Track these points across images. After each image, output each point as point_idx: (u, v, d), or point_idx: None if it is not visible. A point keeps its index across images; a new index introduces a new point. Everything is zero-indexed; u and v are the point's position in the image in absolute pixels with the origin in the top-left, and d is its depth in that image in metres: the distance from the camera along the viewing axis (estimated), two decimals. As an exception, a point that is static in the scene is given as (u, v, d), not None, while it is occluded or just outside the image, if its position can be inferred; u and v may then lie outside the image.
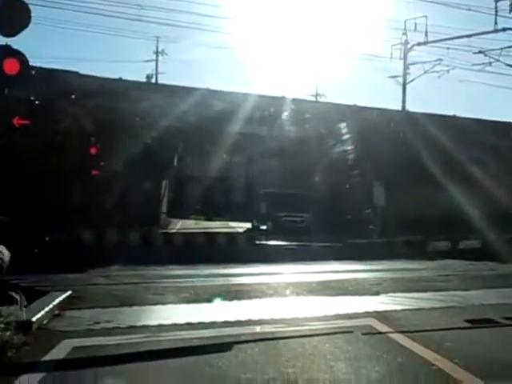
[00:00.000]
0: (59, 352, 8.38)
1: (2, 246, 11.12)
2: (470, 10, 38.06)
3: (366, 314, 11.36)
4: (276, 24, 74.93)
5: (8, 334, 8.27)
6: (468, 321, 10.79)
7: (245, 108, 34.32)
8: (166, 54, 58.19)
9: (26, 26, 10.33)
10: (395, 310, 11.88)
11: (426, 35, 38.14)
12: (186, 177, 50.78)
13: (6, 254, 11.21)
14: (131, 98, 32.02)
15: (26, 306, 10.82)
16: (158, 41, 56.42)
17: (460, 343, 9.18)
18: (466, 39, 37.60)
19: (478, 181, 33.26)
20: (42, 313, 10.27)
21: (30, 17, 10.37)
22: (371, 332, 9.82)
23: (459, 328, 10.34)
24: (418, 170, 32.06)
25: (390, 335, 9.60)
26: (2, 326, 8.31)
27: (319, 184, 37.83)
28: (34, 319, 9.65)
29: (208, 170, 48.65)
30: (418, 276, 18.62)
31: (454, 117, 41.17)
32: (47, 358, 8.10)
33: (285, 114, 37.92)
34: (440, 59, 39.16)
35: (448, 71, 39.89)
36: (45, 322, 10.18)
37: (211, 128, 33.55)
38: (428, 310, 12.20)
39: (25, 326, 9.15)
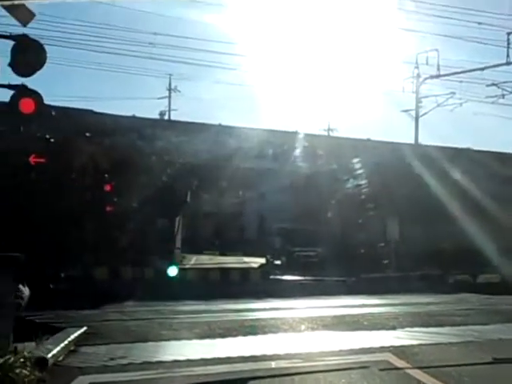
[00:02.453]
0: (75, 388, 8.38)
1: (24, 287, 11.18)
2: (481, 43, 38.36)
3: (383, 349, 11.26)
4: (287, 59, 75.27)
5: (24, 370, 8.26)
6: (487, 356, 10.68)
7: (257, 144, 34.47)
8: (179, 91, 58.62)
9: (42, 66, 10.47)
10: (412, 345, 11.78)
11: (438, 69, 38.45)
12: (200, 212, 50.83)
13: (26, 293, 11.26)
14: (145, 135, 32.27)
15: (41, 343, 10.83)
16: (170, 78, 56.91)
17: (478, 379, 9.09)
18: (478, 72, 37.80)
19: (494, 214, 33.08)
20: (58, 349, 10.26)
21: (45, 57, 10.52)
22: (388, 367, 9.73)
23: (477, 363, 10.24)
24: (432, 203, 31.97)
25: (408, 371, 9.50)
26: (18, 362, 8.31)
27: (332, 219, 37.77)
28: (49, 355, 9.65)
29: (221, 205, 48.82)
30: (435, 310, 18.48)
31: (468, 149, 41.13)
32: (63, 394, 8.10)
33: (297, 150, 38.02)
34: (453, 92, 39.36)
35: (461, 104, 40.07)
36: (60, 358, 10.18)
37: (224, 164, 33.67)
38: (446, 344, 12.09)
39: (41, 363, 9.14)
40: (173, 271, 11.11)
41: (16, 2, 9.47)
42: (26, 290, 11.28)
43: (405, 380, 8.96)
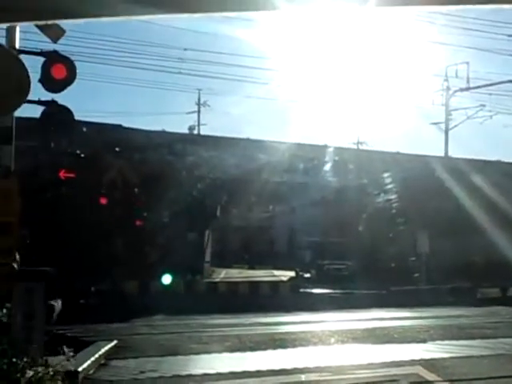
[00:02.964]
0: (105, 401, 8.43)
1: (55, 301, 11.31)
2: (511, 55, 38.09)
3: (413, 362, 11.18)
4: (318, 74, 75.37)
5: (55, 383, 8.32)
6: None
7: (287, 157, 34.50)
8: (209, 106, 58.88)
9: (72, 82, 10.60)
10: (443, 358, 11.69)
11: (468, 81, 38.21)
12: (230, 226, 50.86)
13: (57, 307, 11.38)
14: (175, 150, 32.48)
15: (72, 356, 10.91)
16: (199, 93, 57.20)
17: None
18: (508, 84, 37.52)
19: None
20: (89, 362, 10.34)
21: (75, 74, 10.64)
22: (418, 381, 9.67)
23: (509, 376, 10.12)
24: (462, 216, 31.72)
25: (438, 384, 9.43)
26: (48, 375, 8.37)
27: (362, 232, 37.59)
28: (80, 369, 9.72)
29: (251, 219, 48.81)
30: (466, 323, 18.30)
31: (498, 162, 40.76)
32: (93, 407, 8.15)
33: (327, 163, 37.97)
34: (482, 105, 39.09)
35: (491, 117, 39.80)
36: (91, 371, 10.25)
37: (253, 178, 33.71)
38: (476, 357, 11.98)
39: (71, 376, 9.21)
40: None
41: (49, 22, 9.62)
42: (57, 304, 11.41)
43: (435, 393, 8.88)
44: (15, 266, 9.05)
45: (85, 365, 10.08)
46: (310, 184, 36.61)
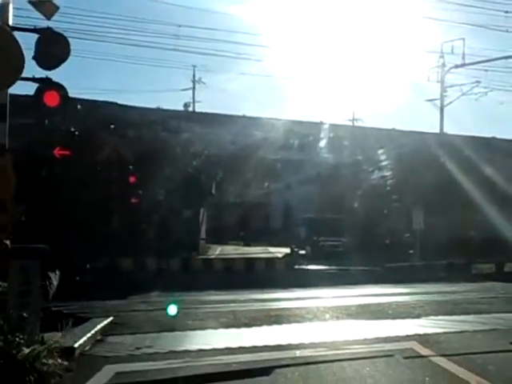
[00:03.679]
0: (101, 378, 8.47)
1: (54, 274, 11.32)
2: (508, 31, 37.89)
3: (407, 338, 11.25)
4: (312, 50, 75.14)
5: (51, 359, 8.36)
6: (510, 343, 10.64)
7: (282, 134, 34.48)
8: (204, 83, 58.82)
9: (65, 59, 10.55)
10: (437, 333, 11.76)
11: (464, 58, 38.14)
12: (225, 203, 50.93)
13: (55, 281, 11.41)
14: (170, 127, 32.41)
15: (68, 333, 10.96)
16: (194, 70, 57.07)
17: (503, 366, 9.04)
18: (503, 61, 37.44)
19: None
20: (85, 339, 10.38)
21: (69, 50, 10.59)
22: (413, 356, 9.72)
23: (503, 351, 10.20)
24: (457, 192, 31.82)
25: (432, 359, 9.49)
26: (45, 352, 8.40)
27: (357, 209, 37.69)
28: (76, 345, 9.77)
29: (246, 196, 48.83)
30: (460, 299, 18.39)
31: (493, 138, 40.80)
32: (90, 383, 8.18)
33: (322, 140, 37.96)
34: (478, 81, 39.08)
35: (486, 93, 39.78)
36: (87, 347, 10.30)
37: (249, 155, 33.73)
38: (471, 332, 12.05)
39: (68, 352, 9.25)
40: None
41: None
42: (55, 278, 11.43)
43: (429, 368, 8.95)
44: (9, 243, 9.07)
45: (81, 341, 10.13)
46: (306, 160, 36.67)
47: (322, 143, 37.98)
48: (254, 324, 13.15)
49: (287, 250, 37.76)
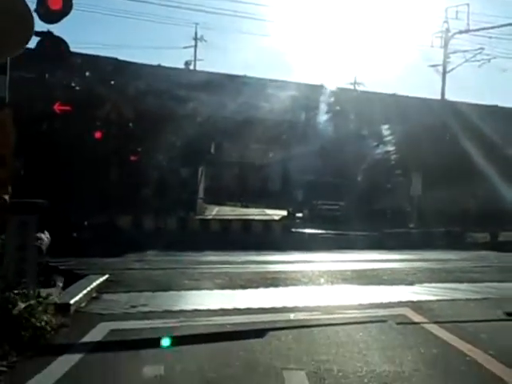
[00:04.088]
0: (96, 334, 8.52)
1: (43, 233, 11.33)
2: (513, -2, 37.57)
3: (401, 304, 11.32)
4: (315, 12, 74.45)
5: (47, 315, 8.41)
6: (504, 312, 10.71)
7: (283, 96, 34.27)
8: (205, 41, 58.36)
9: (68, 13, 10.44)
10: (430, 301, 11.83)
11: (468, 23, 37.76)
12: (223, 163, 50.86)
13: (46, 238, 11.41)
14: (170, 85, 32.16)
15: (64, 289, 11.01)
16: (196, 27, 56.62)
17: (495, 335, 9.10)
18: (508, 28, 37.12)
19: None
20: (80, 295, 10.44)
21: (71, 4, 10.48)
22: (405, 322, 9.80)
23: (494, 319, 10.27)
24: (457, 160, 31.74)
25: (425, 325, 9.56)
26: (41, 308, 8.46)
27: (356, 173, 37.65)
28: (71, 302, 9.82)
29: (245, 157, 48.78)
30: (454, 267, 18.49)
31: (495, 106, 40.59)
32: (85, 340, 8.24)
33: (323, 103, 37.75)
34: (481, 48, 38.77)
35: (489, 60, 39.50)
36: (82, 304, 10.36)
37: (249, 115, 33.56)
38: (463, 300, 12.12)
39: (63, 309, 9.32)
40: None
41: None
42: (45, 236, 11.44)
43: (421, 334, 9.02)
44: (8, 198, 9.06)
45: (76, 298, 10.18)
46: (306, 123, 36.50)
47: (323, 106, 37.77)
48: (250, 286, 13.23)
49: (284, 213, 37.86)
